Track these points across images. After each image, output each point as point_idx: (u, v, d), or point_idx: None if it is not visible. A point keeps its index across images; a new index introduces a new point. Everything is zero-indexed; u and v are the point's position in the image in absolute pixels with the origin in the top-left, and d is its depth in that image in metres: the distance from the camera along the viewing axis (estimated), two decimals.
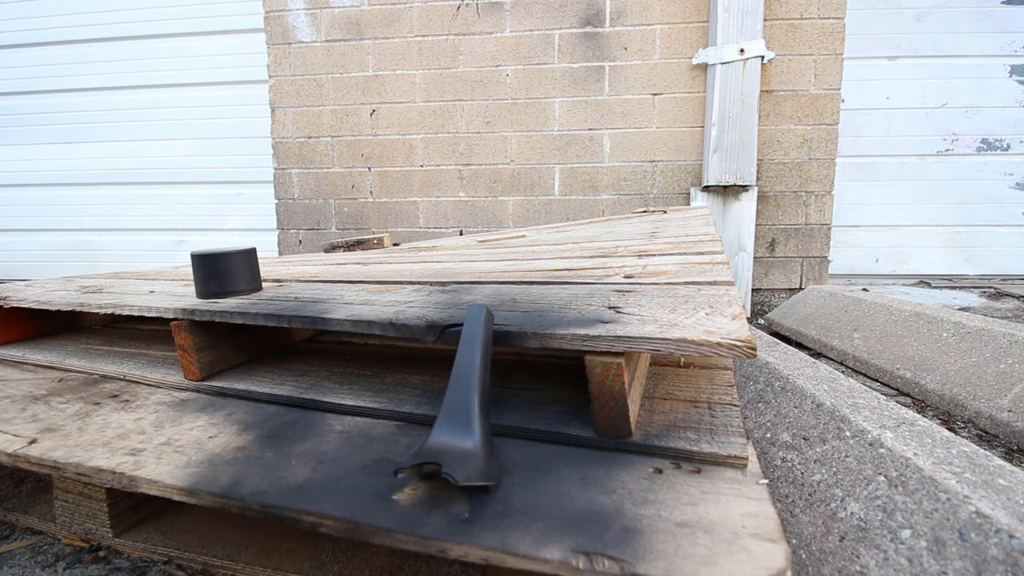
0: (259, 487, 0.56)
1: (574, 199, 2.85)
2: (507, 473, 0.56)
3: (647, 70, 2.70)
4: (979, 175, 2.80)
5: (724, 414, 0.68)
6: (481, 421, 0.55)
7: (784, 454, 0.92)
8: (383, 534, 0.48)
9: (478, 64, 2.81)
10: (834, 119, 2.63)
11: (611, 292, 0.80)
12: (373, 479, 0.56)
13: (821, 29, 2.57)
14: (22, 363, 1.08)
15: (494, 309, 0.73)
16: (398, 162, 2.95)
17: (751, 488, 0.53)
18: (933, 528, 0.63)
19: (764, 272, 2.76)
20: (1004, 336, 1.36)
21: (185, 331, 0.85)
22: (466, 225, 2.96)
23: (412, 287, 0.98)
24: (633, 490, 0.53)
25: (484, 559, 0.45)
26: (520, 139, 2.84)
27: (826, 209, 2.70)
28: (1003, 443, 1.14)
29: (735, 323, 0.59)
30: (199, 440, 0.68)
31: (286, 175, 3.06)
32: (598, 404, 0.60)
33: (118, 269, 3.07)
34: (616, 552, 0.43)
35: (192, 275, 1.03)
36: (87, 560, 0.74)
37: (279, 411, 0.77)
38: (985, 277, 2.87)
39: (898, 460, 0.75)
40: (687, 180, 2.75)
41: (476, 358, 0.59)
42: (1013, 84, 2.73)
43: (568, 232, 1.86)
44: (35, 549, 0.76)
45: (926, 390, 1.40)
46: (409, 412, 0.73)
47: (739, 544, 0.44)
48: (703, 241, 1.27)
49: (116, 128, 3.25)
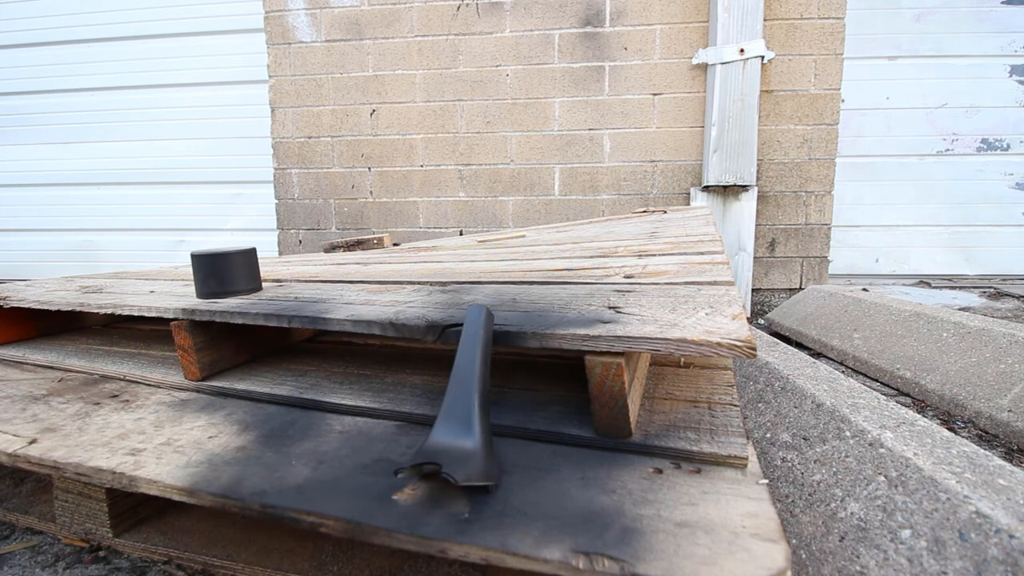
0: (259, 487, 0.56)
1: (574, 199, 2.85)
2: (507, 473, 0.56)
3: (647, 70, 2.70)
4: (979, 175, 2.80)
5: (724, 414, 0.68)
6: (481, 421, 0.55)
7: (784, 454, 0.92)
8: (383, 534, 0.48)
9: (478, 64, 2.81)
10: (834, 119, 2.63)
11: (611, 292, 0.80)
12: (373, 479, 0.56)
13: (821, 29, 2.57)
14: (22, 363, 1.08)
15: (494, 309, 0.73)
16: (398, 162, 2.95)
17: (751, 488, 0.53)
18: (933, 528, 0.63)
19: (764, 272, 2.76)
20: (1004, 336, 1.36)
21: (185, 331, 0.85)
22: (466, 225, 2.96)
23: (412, 287, 0.98)
24: (633, 490, 0.53)
25: (484, 559, 0.45)
26: (520, 139, 2.84)
27: (826, 209, 2.70)
28: (1003, 443, 1.14)
29: (735, 323, 0.59)
30: (199, 440, 0.68)
31: (286, 175, 3.06)
32: (598, 404, 0.60)
33: (118, 269, 3.07)
34: (616, 552, 0.43)
35: (192, 275, 1.03)
36: (87, 560, 0.74)
37: (279, 411, 0.77)
38: (985, 277, 2.87)
39: (898, 460, 0.75)
40: (687, 180, 2.75)
41: (476, 358, 0.59)
42: (1013, 84, 2.73)
43: (568, 232, 1.86)
44: (35, 549, 0.76)
45: (926, 390, 1.40)
46: (409, 412, 0.73)
47: (739, 544, 0.44)
48: (703, 241, 1.27)
49: (116, 128, 3.25)
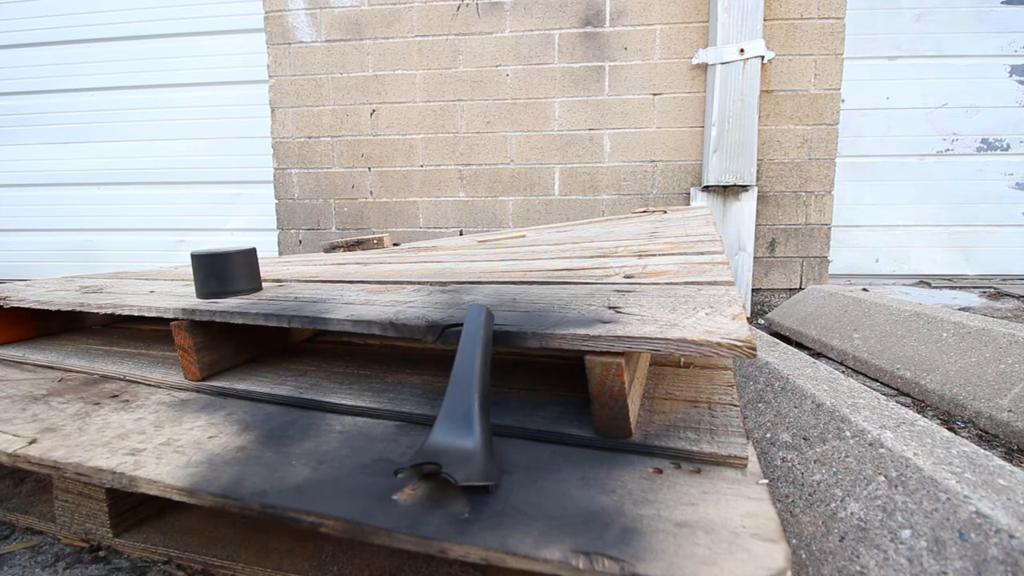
0: (259, 487, 0.56)
1: (574, 199, 2.85)
2: (507, 473, 0.56)
3: (647, 70, 2.70)
4: (979, 175, 2.80)
5: (724, 414, 0.68)
6: (481, 421, 0.55)
7: (784, 454, 0.92)
8: (383, 534, 0.48)
9: (478, 64, 2.81)
10: (834, 119, 2.63)
11: (611, 292, 0.80)
12: (373, 479, 0.56)
13: (821, 29, 2.57)
14: (22, 363, 1.08)
15: (494, 309, 0.73)
16: (398, 162, 2.95)
17: (751, 488, 0.53)
18: (933, 528, 0.63)
19: (764, 272, 2.76)
20: (1004, 336, 1.36)
21: (185, 331, 0.85)
22: (466, 225, 2.96)
23: (412, 287, 0.98)
24: (633, 490, 0.53)
25: (484, 559, 0.45)
26: (520, 139, 2.84)
27: (826, 209, 2.70)
28: (1003, 443, 1.14)
29: (735, 323, 0.59)
30: (199, 440, 0.68)
31: (286, 175, 3.06)
32: (598, 404, 0.60)
33: (118, 269, 3.07)
34: (616, 552, 0.43)
35: (192, 275, 1.03)
36: (87, 560, 0.74)
37: (279, 411, 0.77)
38: (985, 277, 2.87)
39: (898, 460, 0.75)
40: (687, 180, 2.75)
41: (476, 358, 0.59)
42: (1013, 84, 2.73)
43: (568, 232, 1.86)
44: (35, 549, 0.76)
45: (926, 390, 1.40)
46: (409, 412, 0.73)
47: (739, 544, 0.44)
48: (703, 241, 1.27)
49: (116, 128, 3.25)
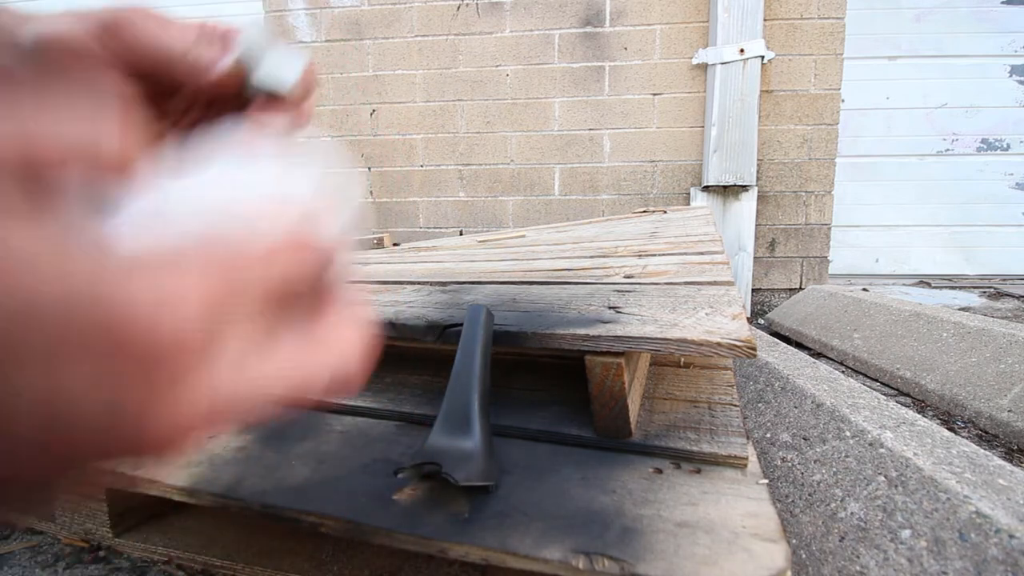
0: (259, 487, 0.56)
1: (574, 199, 2.85)
2: (507, 473, 0.56)
3: (647, 70, 2.70)
4: (979, 175, 2.80)
5: (724, 414, 0.68)
6: (481, 421, 0.55)
7: (784, 454, 0.92)
8: (383, 534, 0.48)
9: (478, 64, 2.81)
10: (834, 119, 2.63)
11: (611, 292, 0.80)
12: (373, 479, 0.56)
13: (821, 29, 2.57)
14: None
15: (494, 309, 0.73)
16: (398, 162, 2.95)
17: (751, 488, 0.53)
18: (933, 528, 0.63)
19: (764, 272, 2.76)
20: (1004, 336, 1.36)
21: None
22: (466, 225, 2.96)
23: (412, 287, 0.98)
24: (633, 490, 0.53)
25: (484, 559, 0.45)
26: (520, 139, 2.84)
27: (826, 209, 2.70)
28: (1003, 443, 1.14)
29: (735, 323, 0.59)
30: (198, 440, 0.68)
31: None
32: (598, 404, 0.60)
33: None
34: (616, 552, 0.43)
35: None
36: (87, 560, 0.74)
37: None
38: (985, 277, 2.87)
39: (898, 460, 0.75)
40: (687, 180, 2.75)
41: (476, 358, 0.59)
42: (1013, 84, 2.73)
43: (568, 232, 1.86)
44: (35, 549, 0.76)
45: (926, 390, 1.40)
46: (409, 412, 0.73)
47: (739, 544, 0.44)
48: (703, 241, 1.27)
49: None
